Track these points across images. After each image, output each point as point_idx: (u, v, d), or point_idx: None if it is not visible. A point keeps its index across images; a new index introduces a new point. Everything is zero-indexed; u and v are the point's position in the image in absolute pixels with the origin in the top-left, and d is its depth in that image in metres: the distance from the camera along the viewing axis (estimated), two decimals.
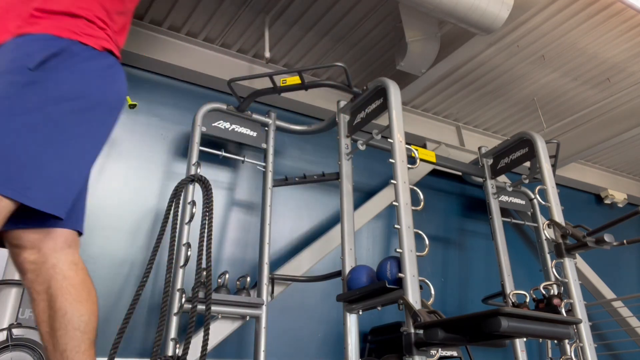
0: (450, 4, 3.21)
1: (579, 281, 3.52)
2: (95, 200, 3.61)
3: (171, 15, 3.90)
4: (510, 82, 4.69)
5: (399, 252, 2.76)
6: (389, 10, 3.80)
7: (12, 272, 2.93)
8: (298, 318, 4.03)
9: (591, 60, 4.32)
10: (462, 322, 2.33)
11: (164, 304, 3.01)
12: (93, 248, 3.51)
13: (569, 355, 3.35)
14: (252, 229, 4.03)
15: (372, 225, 4.62)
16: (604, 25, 3.92)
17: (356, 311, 3.09)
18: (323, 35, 4.11)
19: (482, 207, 4.67)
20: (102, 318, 3.42)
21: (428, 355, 2.54)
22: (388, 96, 3.24)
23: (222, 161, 4.01)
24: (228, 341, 3.57)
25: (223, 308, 3.33)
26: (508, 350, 3.91)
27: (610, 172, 6.35)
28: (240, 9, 3.84)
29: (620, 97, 4.77)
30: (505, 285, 3.93)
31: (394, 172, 3.00)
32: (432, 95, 4.89)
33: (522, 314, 2.20)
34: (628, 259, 6.20)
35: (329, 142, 4.27)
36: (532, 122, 5.23)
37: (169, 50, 4.05)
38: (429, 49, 3.82)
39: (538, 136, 4.10)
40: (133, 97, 3.55)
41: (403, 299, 2.61)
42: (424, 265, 4.51)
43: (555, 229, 3.62)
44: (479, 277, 5.00)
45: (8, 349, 2.49)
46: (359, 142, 3.53)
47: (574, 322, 2.62)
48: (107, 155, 3.69)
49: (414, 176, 4.61)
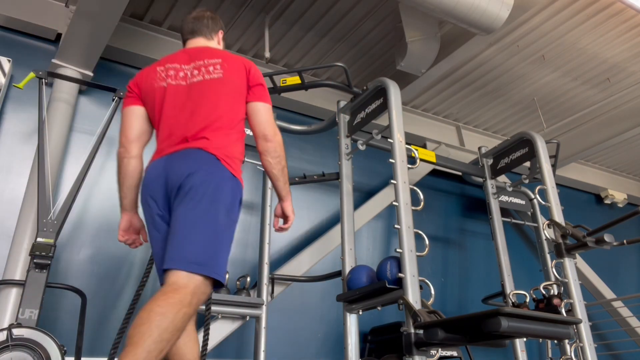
0: (451, 4, 3.21)
1: (579, 281, 3.52)
2: (95, 200, 3.61)
3: (171, 15, 3.90)
4: (510, 82, 4.69)
5: (399, 252, 2.76)
6: (389, 10, 3.80)
7: (12, 272, 2.94)
8: (298, 318, 4.03)
9: (591, 60, 4.32)
10: (462, 322, 2.33)
11: None
12: (93, 248, 3.51)
13: (569, 355, 3.35)
14: (252, 229, 4.03)
15: (372, 225, 4.62)
16: (604, 25, 3.92)
17: (356, 311, 3.09)
18: (323, 35, 4.11)
19: (482, 207, 4.67)
20: (102, 318, 3.44)
21: (428, 355, 2.54)
22: (388, 96, 3.24)
23: None
24: (228, 341, 3.57)
25: (223, 308, 3.33)
26: (508, 350, 3.91)
27: (610, 172, 6.35)
28: (240, 9, 3.84)
29: (620, 97, 4.77)
30: (505, 285, 3.93)
31: (394, 172, 3.00)
32: (432, 95, 4.89)
33: (522, 314, 2.20)
34: (628, 259, 6.20)
35: (329, 142, 4.27)
36: (532, 122, 5.23)
37: (169, 50, 3.99)
38: (429, 49, 3.82)
39: (538, 136, 4.10)
40: None
41: (403, 299, 2.61)
42: (424, 265, 4.50)
43: (555, 229, 3.62)
44: (479, 277, 5.00)
45: (8, 349, 2.49)
46: (359, 142, 3.53)
47: (574, 322, 2.62)
48: (107, 155, 3.70)
49: (414, 176, 4.61)
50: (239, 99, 2.09)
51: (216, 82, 2.05)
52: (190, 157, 1.91)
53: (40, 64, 3.50)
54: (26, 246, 2.95)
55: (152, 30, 3.99)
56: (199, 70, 2.08)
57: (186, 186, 1.83)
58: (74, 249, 3.45)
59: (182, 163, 1.90)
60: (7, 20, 3.60)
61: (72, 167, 3.50)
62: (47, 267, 2.79)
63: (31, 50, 3.70)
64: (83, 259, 3.47)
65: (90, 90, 3.74)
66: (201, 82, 2.05)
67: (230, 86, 2.07)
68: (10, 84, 3.46)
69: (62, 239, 3.22)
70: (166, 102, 2.04)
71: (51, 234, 2.86)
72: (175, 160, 1.93)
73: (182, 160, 1.91)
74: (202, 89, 2.04)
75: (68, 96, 3.52)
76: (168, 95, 2.05)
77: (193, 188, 1.82)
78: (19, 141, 3.49)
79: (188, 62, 2.13)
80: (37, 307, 2.71)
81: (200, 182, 1.84)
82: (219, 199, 1.86)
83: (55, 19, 3.67)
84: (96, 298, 3.35)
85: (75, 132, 3.66)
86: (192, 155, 1.91)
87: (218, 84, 2.05)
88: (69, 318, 3.18)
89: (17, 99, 3.52)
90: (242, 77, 2.11)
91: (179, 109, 2.02)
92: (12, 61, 3.45)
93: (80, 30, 3.25)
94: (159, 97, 2.07)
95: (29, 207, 3.10)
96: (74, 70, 3.51)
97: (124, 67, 4.01)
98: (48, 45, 3.76)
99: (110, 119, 3.36)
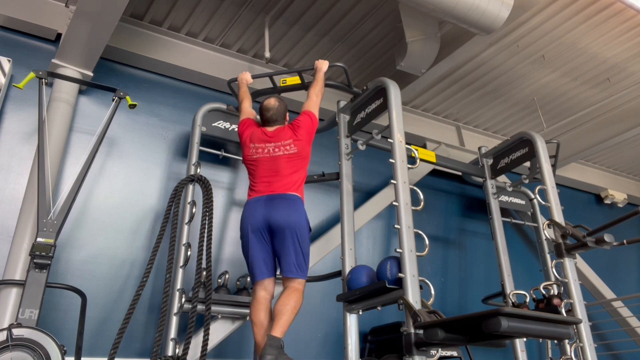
0: (450, 4, 3.21)
1: (579, 281, 3.52)
2: (95, 200, 3.62)
3: (171, 15, 3.90)
4: (510, 82, 4.69)
5: (399, 252, 2.76)
6: (389, 10, 3.80)
7: (12, 272, 2.94)
8: (298, 318, 3.99)
9: (591, 60, 4.32)
10: (462, 322, 2.33)
11: (164, 304, 3.01)
12: (93, 248, 3.51)
13: (569, 355, 3.35)
14: None
15: (372, 225, 4.62)
16: (604, 25, 3.92)
17: (356, 311, 3.09)
18: (323, 36, 4.11)
19: (482, 207, 4.67)
20: (102, 318, 3.43)
21: (428, 355, 2.54)
22: (388, 96, 3.24)
23: (221, 161, 4.01)
24: (228, 341, 3.57)
25: (223, 308, 3.34)
26: (508, 350, 3.91)
27: (610, 172, 6.35)
28: (240, 9, 3.84)
29: (620, 97, 4.77)
30: (505, 285, 3.93)
31: (394, 172, 3.00)
32: (432, 95, 4.89)
33: (522, 314, 2.20)
34: (628, 259, 6.20)
35: (329, 142, 4.27)
36: (532, 122, 5.23)
37: (169, 50, 4.05)
38: (429, 49, 3.82)
39: (538, 136, 4.10)
40: (133, 97, 3.56)
41: (403, 299, 2.61)
42: (424, 265, 4.51)
43: (555, 229, 3.62)
44: (479, 277, 5.00)
45: (8, 349, 2.49)
46: (359, 142, 3.53)
47: (574, 322, 2.62)
48: (107, 155, 3.70)
49: (414, 176, 4.61)
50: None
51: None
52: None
53: (40, 64, 3.50)
54: (26, 246, 2.95)
55: (152, 30, 3.99)
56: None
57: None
58: (74, 249, 3.45)
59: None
60: (7, 20, 3.60)
61: (72, 167, 3.50)
62: (47, 267, 2.79)
63: (31, 50, 3.70)
64: (83, 259, 3.46)
65: (90, 90, 3.74)
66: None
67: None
68: (10, 84, 3.46)
69: (62, 239, 3.22)
70: None
71: (51, 234, 2.86)
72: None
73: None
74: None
75: (68, 96, 3.52)
76: None
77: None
78: (19, 141, 3.49)
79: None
80: (37, 307, 2.71)
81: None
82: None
83: (55, 19, 3.67)
84: (96, 298, 3.35)
85: (75, 132, 3.65)
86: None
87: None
88: (69, 318, 3.19)
89: (17, 99, 3.52)
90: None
91: None
92: (12, 61, 3.45)
93: (80, 30, 3.25)
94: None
95: (29, 207, 3.10)
96: (74, 70, 3.51)
97: (124, 67, 4.01)
98: (48, 45, 3.76)
99: (110, 119, 3.36)
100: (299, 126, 3.04)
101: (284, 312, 2.68)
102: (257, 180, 2.94)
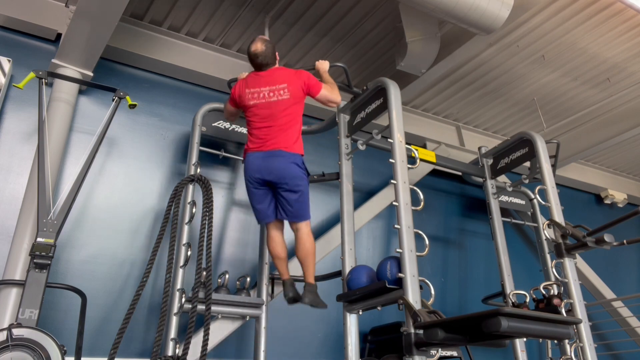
0: (451, 4, 3.21)
1: (579, 281, 3.52)
2: (95, 200, 3.62)
3: (171, 15, 3.90)
4: (510, 82, 4.69)
5: (399, 252, 2.76)
6: (389, 10, 3.80)
7: (12, 272, 2.94)
8: (298, 318, 4.03)
9: (591, 60, 4.32)
10: (462, 322, 2.33)
11: (164, 304, 3.01)
12: (93, 248, 3.51)
13: (569, 355, 3.35)
14: (252, 229, 4.03)
15: (372, 225, 4.62)
16: (604, 25, 3.92)
17: (356, 311, 3.09)
18: (323, 36, 4.11)
19: (482, 207, 4.67)
20: (102, 318, 3.43)
21: (428, 355, 2.54)
22: (388, 96, 3.24)
23: (221, 161, 4.01)
24: (228, 341, 3.57)
25: (223, 308, 3.34)
26: (508, 350, 3.91)
27: (610, 172, 6.35)
28: (240, 9, 3.84)
29: (620, 97, 4.77)
30: (505, 285, 3.93)
31: (394, 172, 3.00)
32: (432, 95, 4.89)
33: (522, 314, 2.20)
34: (628, 259, 6.20)
35: (329, 142, 4.27)
36: (532, 122, 5.23)
37: (169, 50, 4.05)
38: (429, 49, 3.81)
39: (538, 136, 4.10)
40: (133, 97, 3.56)
41: (403, 299, 2.61)
42: (424, 265, 4.51)
43: (555, 229, 3.62)
44: (479, 277, 5.00)
45: (8, 349, 2.49)
46: (359, 142, 3.53)
47: (574, 322, 2.62)
48: (107, 155, 3.70)
49: (414, 176, 4.61)
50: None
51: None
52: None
53: (40, 64, 3.50)
54: (26, 246, 2.95)
55: (152, 30, 3.99)
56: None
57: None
58: (74, 249, 3.45)
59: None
60: (7, 20, 3.60)
61: (72, 167, 3.50)
62: (47, 267, 2.79)
63: (31, 50, 3.70)
64: (83, 259, 3.47)
65: (90, 90, 3.74)
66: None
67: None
68: (10, 84, 3.46)
69: (62, 239, 3.22)
70: None
71: (51, 234, 2.86)
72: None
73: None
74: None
75: (68, 96, 3.52)
76: None
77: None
78: (19, 141, 3.49)
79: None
80: (37, 307, 2.71)
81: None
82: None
83: (55, 19, 3.67)
84: (96, 298, 3.35)
85: (75, 132, 3.66)
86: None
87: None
88: (69, 318, 3.19)
89: (17, 99, 3.52)
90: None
91: None
92: (12, 61, 3.45)
93: (80, 30, 3.25)
94: None
95: (29, 207, 3.10)
96: (74, 70, 3.51)
97: (124, 67, 4.01)
98: (48, 45, 3.76)
99: (110, 119, 3.36)
100: (300, 78, 3.11)
101: (305, 261, 3.09)
102: (254, 131, 3.11)
